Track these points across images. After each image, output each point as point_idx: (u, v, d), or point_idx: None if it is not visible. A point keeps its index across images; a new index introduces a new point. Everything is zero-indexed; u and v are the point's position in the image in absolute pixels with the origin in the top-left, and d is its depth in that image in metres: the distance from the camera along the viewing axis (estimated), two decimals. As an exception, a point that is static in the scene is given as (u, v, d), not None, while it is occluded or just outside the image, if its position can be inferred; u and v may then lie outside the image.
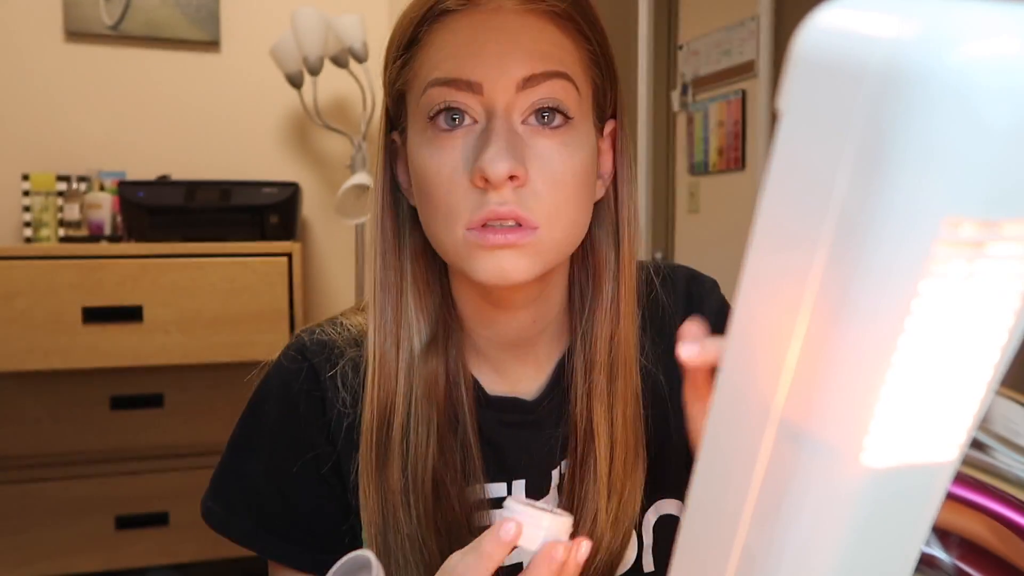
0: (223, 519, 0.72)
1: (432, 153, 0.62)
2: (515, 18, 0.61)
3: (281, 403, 0.71)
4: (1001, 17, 0.22)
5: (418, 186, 0.64)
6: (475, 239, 0.60)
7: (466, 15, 0.62)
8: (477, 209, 0.60)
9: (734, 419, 0.30)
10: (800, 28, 0.26)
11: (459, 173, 0.61)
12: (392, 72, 0.67)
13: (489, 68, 0.60)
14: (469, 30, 0.61)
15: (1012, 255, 0.24)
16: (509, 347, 0.72)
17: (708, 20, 2.45)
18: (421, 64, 0.63)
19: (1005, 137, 0.22)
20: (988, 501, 0.57)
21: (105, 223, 2.40)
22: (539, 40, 0.62)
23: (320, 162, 2.78)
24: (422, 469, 0.66)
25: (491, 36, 0.61)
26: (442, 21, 0.62)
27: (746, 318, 0.29)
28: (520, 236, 0.60)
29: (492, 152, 0.59)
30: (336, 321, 0.74)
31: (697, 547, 0.33)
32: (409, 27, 0.64)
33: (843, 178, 0.24)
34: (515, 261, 0.61)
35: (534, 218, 0.60)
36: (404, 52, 0.65)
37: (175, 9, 2.60)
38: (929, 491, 0.29)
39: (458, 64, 0.61)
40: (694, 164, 2.49)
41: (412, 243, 0.70)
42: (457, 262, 0.63)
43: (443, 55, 0.62)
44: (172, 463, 2.32)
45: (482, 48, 0.61)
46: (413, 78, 0.64)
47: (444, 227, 0.62)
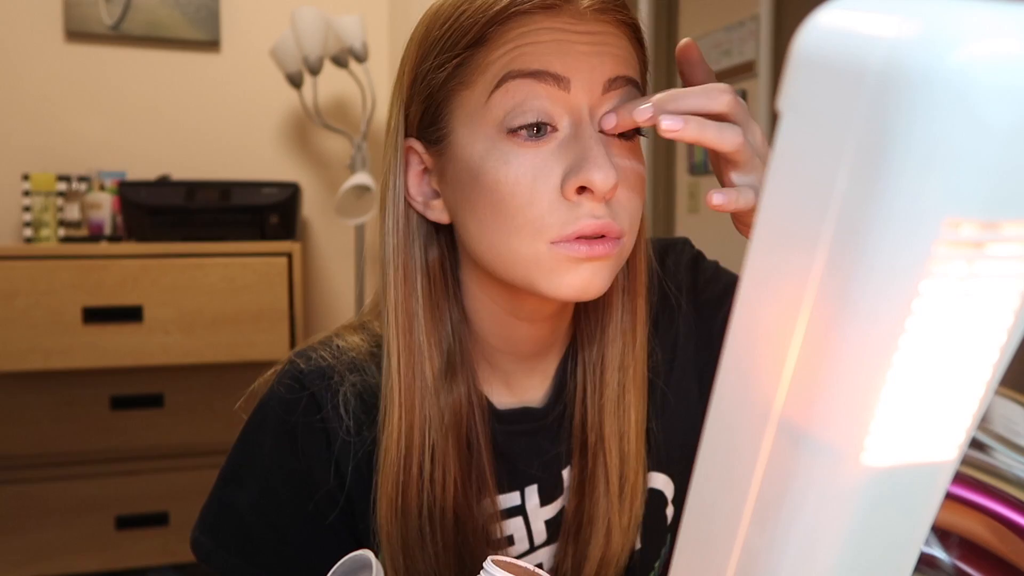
0: (210, 552, 0.69)
1: (508, 160, 0.58)
2: (596, 23, 0.59)
3: (277, 434, 0.68)
4: (1002, 17, 0.22)
5: (484, 198, 0.59)
6: (564, 252, 0.58)
7: (550, 16, 0.58)
8: (569, 223, 0.57)
9: (734, 419, 0.30)
10: (800, 28, 0.26)
11: (544, 184, 0.58)
12: (439, 72, 0.61)
13: (578, 65, 0.58)
14: (554, 32, 0.58)
15: (1012, 255, 0.24)
16: (523, 359, 0.71)
17: (708, 20, 2.45)
18: (490, 62, 0.59)
19: (1005, 138, 0.22)
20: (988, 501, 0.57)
21: (105, 223, 2.40)
22: (619, 46, 0.60)
23: (320, 162, 2.78)
24: (441, 499, 0.65)
25: (578, 39, 0.58)
26: (518, 20, 0.59)
27: (746, 318, 0.29)
28: (610, 247, 0.58)
29: (598, 161, 0.56)
30: (331, 344, 0.70)
31: (697, 547, 0.33)
32: (473, 25, 0.59)
33: (843, 178, 0.24)
34: (600, 273, 0.59)
35: (621, 228, 0.59)
36: (464, 51, 0.60)
37: (175, 9, 2.60)
38: (929, 491, 0.29)
39: (543, 59, 0.57)
40: (694, 164, 2.49)
41: (428, 263, 0.66)
42: (529, 276, 0.60)
43: (524, 51, 0.58)
44: (172, 463, 2.32)
45: (569, 47, 0.58)
46: (478, 76, 0.59)
47: (524, 240, 0.58)
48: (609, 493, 0.69)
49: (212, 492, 0.71)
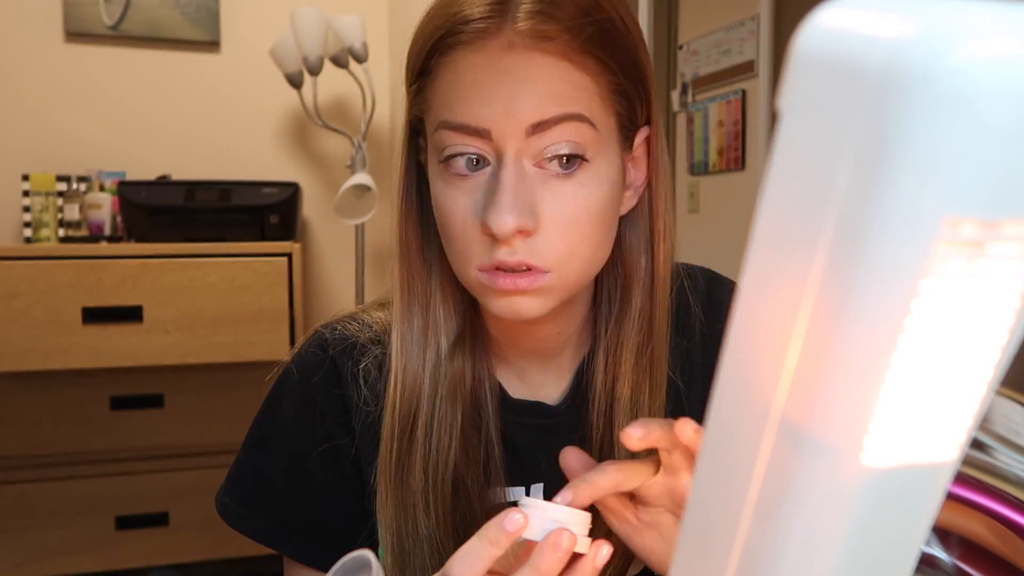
0: (241, 516, 0.71)
1: (446, 192, 0.61)
2: (525, 57, 0.57)
3: (300, 398, 0.70)
4: (1002, 17, 0.22)
5: (437, 217, 0.63)
6: (487, 281, 0.60)
7: (475, 51, 0.58)
8: (487, 255, 0.59)
9: (734, 419, 0.30)
10: (800, 28, 0.26)
11: (471, 217, 0.59)
12: (410, 95, 0.65)
13: (496, 114, 0.57)
14: (477, 70, 0.58)
15: (1012, 255, 0.24)
16: (532, 356, 0.71)
17: (708, 20, 2.45)
18: (432, 98, 0.61)
19: (1005, 137, 0.22)
20: (988, 501, 0.57)
21: (105, 223, 2.40)
22: (551, 81, 0.58)
23: (320, 162, 2.78)
24: (443, 469, 0.66)
25: (499, 79, 0.57)
26: (451, 54, 0.59)
27: (746, 318, 0.29)
28: (531, 281, 0.59)
29: (499, 207, 0.57)
30: (357, 317, 0.72)
31: (697, 547, 0.33)
32: (420, 55, 0.62)
33: (843, 178, 0.24)
34: (528, 303, 0.60)
35: (545, 264, 0.59)
36: (417, 79, 0.63)
37: (175, 9, 2.60)
38: (929, 491, 0.29)
39: (465, 108, 0.58)
40: (694, 164, 2.49)
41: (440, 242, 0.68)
42: (476, 295, 0.63)
43: (451, 96, 0.59)
44: (172, 463, 2.32)
45: (489, 93, 0.57)
46: (427, 108, 0.63)
47: (459, 264, 0.62)
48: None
49: (239, 458, 0.72)
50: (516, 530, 0.49)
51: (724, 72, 2.36)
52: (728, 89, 2.35)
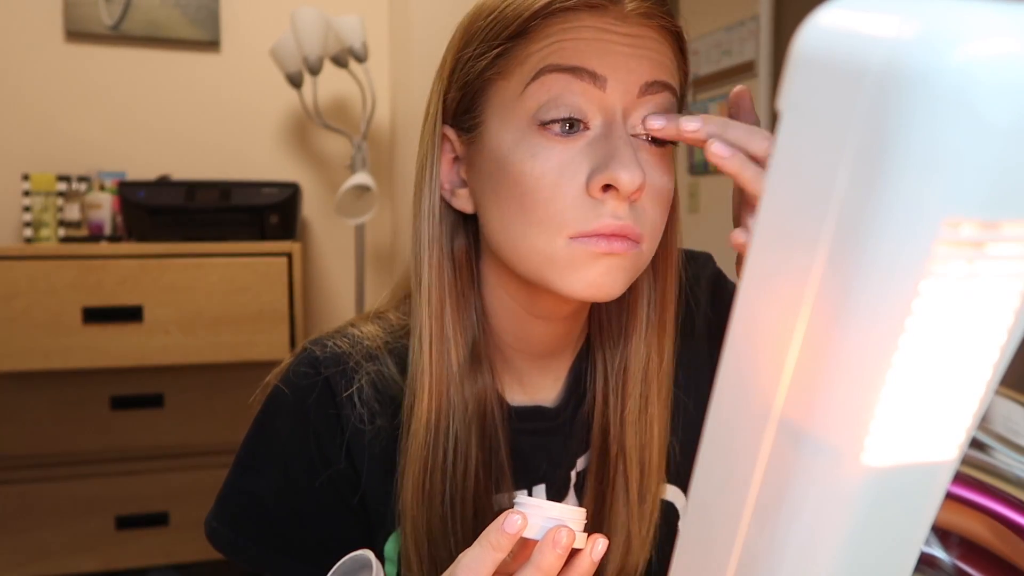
0: (231, 541, 0.69)
1: (535, 152, 0.58)
2: (639, 26, 0.59)
3: (294, 419, 0.67)
4: (1001, 17, 0.22)
5: (507, 189, 0.60)
6: (581, 247, 0.58)
7: (592, 16, 0.58)
8: (590, 220, 0.58)
9: (735, 419, 0.30)
10: (800, 28, 0.26)
11: (570, 180, 0.58)
12: (479, 60, 0.61)
13: (616, 65, 0.58)
14: (595, 28, 0.58)
15: (1012, 255, 0.24)
16: (537, 357, 0.71)
17: (708, 20, 2.45)
18: (529, 54, 0.59)
19: (1005, 137, 0.22)
20: (988, 501, 0.57)
21: (105, 223, 2.40)
22: (660, 51, 0.60)
23: (320, 162, 2.78)
24: (462, 489, 0.65)
25: (618, 38, 0.58)
26: (562, 16, 0.58)
27: (746, 318, 0.29)
28: (628, 247, 0.58)
29: (626, 161, 0.56)
30: (347, 333, 0.70)
31: (698, 546, 0.33)
32: (516, 17, 0.59)
33: (843, 178, 0.24)
34: (614, 274, 0.59)
35: (640, 234, 0.59)
36: (505, 42, 0.60)
37: (175, 9, 2.60)
38: (929, 490, 0.29)
39: (583, 55, 0.57)
40: (694, 164, 2.49)
41: (451, 251, 0.66)
42: (546, 272, 0.60)
43: (564, 46, 0.58)
44: (172, 463, 2.32)
45: (609, 46, 0.58)
46: (516, 67, 0.59)
47: (543, 235, 0.59)
48: (629, 504, 0.68)
49: (229, 480, 0.70)
50: (517, 531, 0.49)
51: (724, 72, 2.36)
52: (728, 89, 2.35)
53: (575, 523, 0.51)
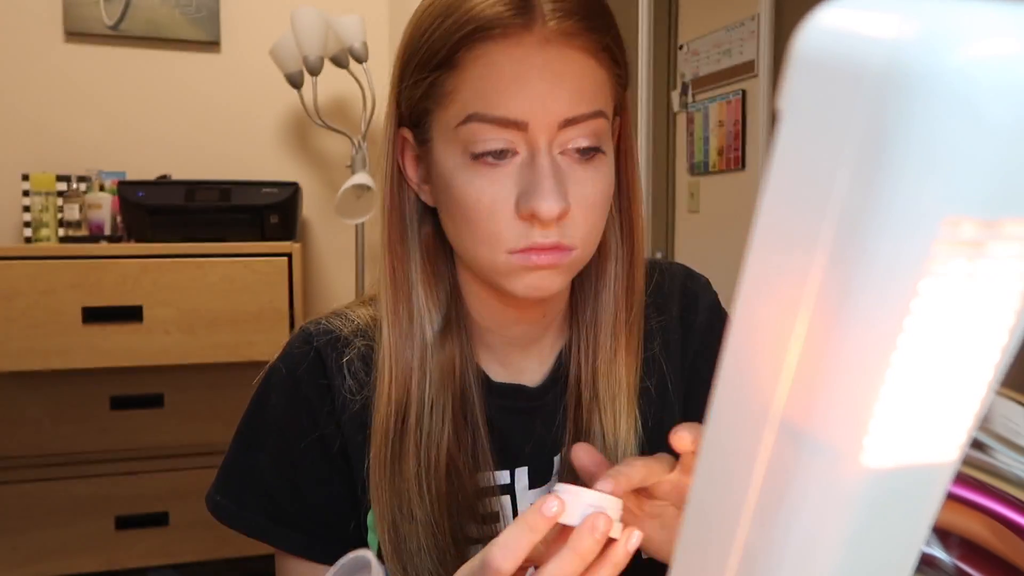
0: (233, 513, 0.72)
1: (472, 181, 0.62)
2: (560, 54, 0.61)
3: (287, 390, 0.72)
4: (1002, 17, 0.22)
5: (452, 207, 0.65)
6: (518, 261, 0.63)
7: (512, 45, 0.60)
8: (522, 238, 0.62)
9: (734, 419, 0.30)
10: (800, 28, 0.26)
11: (503, 203, 0.62)
12: (417, 88, 0.65)
13: (535, 107, 0.60)
14: (514, 64, 0.60)
15: (1012, 255, 0.24)
16: (515, 340, 0.73)
17: (708, 20, 2.45)
18: (456, 90, 0.62)
19: (1005, 137, 0.22)
20: (988, 501, 0.57)
21: (105, 223, 2.40)
22: (581, 77, 0.62)
23: (320, 162, 2.78)
24: (436, 453, 0.68)
25: (537, 74, 0.60)
26: (483, 47, 0.61)
27: (746, 318, 0.29)
28: (559, 257, 0.63)
29: (543, 192, 0.60)
30: (341, 313, 0.75)
31: (697, 547, 0.33)
32: (443, 45, 0.62)
33: (843, 178, 0.24)
34: (551, 278, 0.64)
35: (573, 244, 0.63)
36: (435, 71, 0.63)
37: (175, 9, 2.60)
38: (929, 491, 0.29)
39: (502, 101, 0.60)
40: (694, 164, 2.49)
41: (422, 236, 0.71)
42: (493, 278, 0.65)
43: (486, 89, 0.61)
44: (172, 463, 2.32)
45: (528, 86, 0.60)
46: (446, 101, 0.63)
47: (484, 250, 0.64)
48: (605, 451, 0.70)
49: (229, 454, 0.74)
50: (554, 515, 0.50)
51: (724, 72, 2.36)
52: (728, 89, 2.35)
53: (613, 511, 0.51)
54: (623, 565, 0.51)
